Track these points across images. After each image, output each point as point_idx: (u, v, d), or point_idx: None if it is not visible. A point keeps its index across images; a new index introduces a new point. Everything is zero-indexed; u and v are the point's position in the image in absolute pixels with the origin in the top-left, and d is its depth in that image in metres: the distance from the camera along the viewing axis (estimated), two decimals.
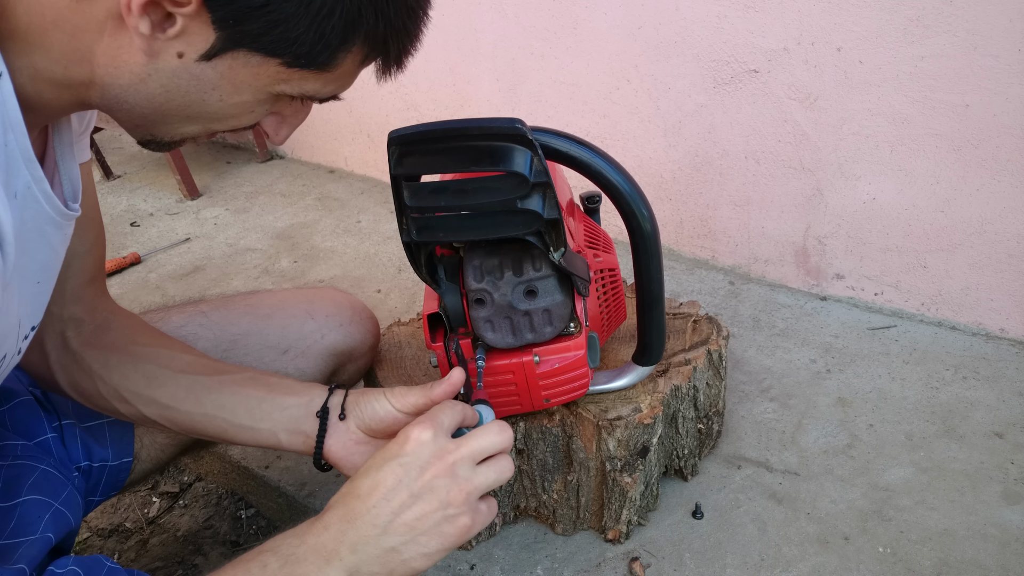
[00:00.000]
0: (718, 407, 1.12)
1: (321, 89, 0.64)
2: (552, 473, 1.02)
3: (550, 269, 0.87)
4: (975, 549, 0.98)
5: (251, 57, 0.59)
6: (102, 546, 1.22)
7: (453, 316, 0.91)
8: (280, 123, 0.69)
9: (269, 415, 0.83)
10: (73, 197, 0.73)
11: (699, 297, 1.55)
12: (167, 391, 0.85)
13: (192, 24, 0.56)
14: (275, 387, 0.85)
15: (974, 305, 1.36)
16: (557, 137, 0.83)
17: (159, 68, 0.59)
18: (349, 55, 0.62)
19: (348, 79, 0.65)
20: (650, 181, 1.64)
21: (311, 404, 0.83)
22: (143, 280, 1.85)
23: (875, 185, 1.36)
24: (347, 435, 0.82)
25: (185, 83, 0.60)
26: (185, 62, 0.58)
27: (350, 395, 0.84)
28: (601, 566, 1.00)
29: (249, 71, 0.60)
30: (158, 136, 0.66)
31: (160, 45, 0.57)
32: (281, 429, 0.83)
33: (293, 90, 0.63)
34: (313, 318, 1.05)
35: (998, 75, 1.17)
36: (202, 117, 0.64)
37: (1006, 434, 1.15)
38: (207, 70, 0.59)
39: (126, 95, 0.61)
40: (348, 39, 0.60)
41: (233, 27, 0.56)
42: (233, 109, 0.63)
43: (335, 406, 0.83)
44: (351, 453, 0.82)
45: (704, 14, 1.41)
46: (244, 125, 0.66)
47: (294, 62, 0.60)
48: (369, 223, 2.02)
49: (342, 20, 0.58)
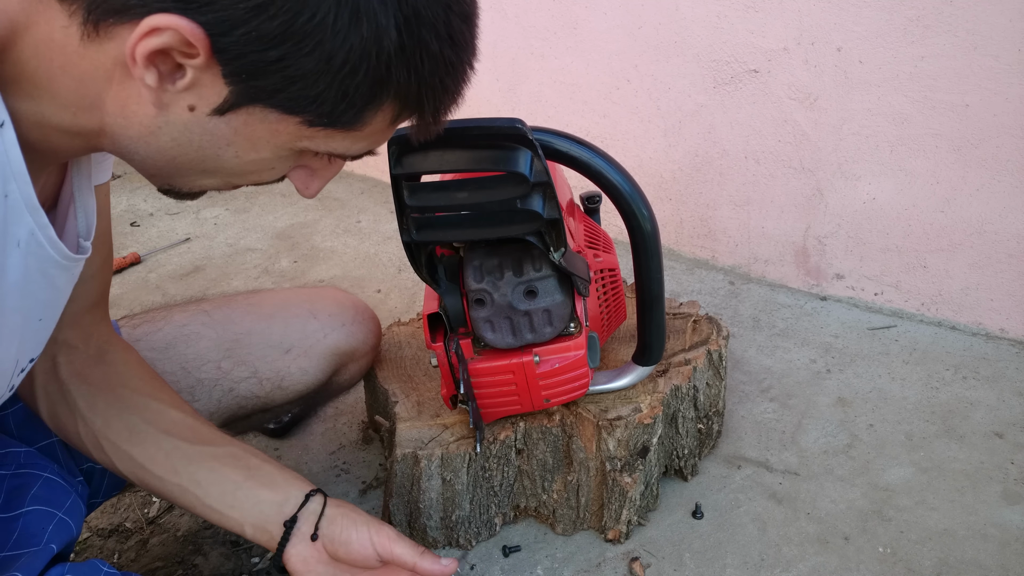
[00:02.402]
0: (718, 407, 1.12)
1: (351, 147, 0.60)
2: (552, 473, 1.02)
3: (550, 269, 0.87)
4: (975, 549, 0.98)
5: (268, 114, 0.55)
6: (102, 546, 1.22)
7: (453, 316, 0.91)
8: (310, 177, 0.65)
9: (241, 505, 0.81)
10: (86, 233, 0.71)
11: (699, 297, 1.55)
12: (145, 450, 0.82)
13: (203, 77, 0.52)
14: (254, 474, 0.83)
15: (974, 305, 1.36)
16: (557, 137, 0.83)
17: (169, 121, 0.55)
18: (379, 113, 0.57)
19: (381, 136, 0.60)
20: (650, 181, 1.64)
21: (284, 506, 0.81)
22: (143, 280, 1.85)
23: (875, 185, 1.36)
24: (310, 550, 0.81)
25: (198, 137, 0.56)
26: (197, 116, 0.55)
27: (329, 510, 0.82)
28: (601, 566, 1.00)
29: (267, 128, 0.56)
30: (176, 187, 0.64)
31: (170, 97, 0.54)
32: (248, 522, 0.81)
33: (318, 147, 0.59)
34: (316, 318, 1.05)
35: (998, 75, 1.17)
36: (219, 172, 0.60)
37: (1006, 434, 1.15)
38: (220, 125, 0.55)
39: (136, 146, 0.58)
40: (376, 97, 0.55)
41: (246, 82, 0.53)
42: (251, 165, 0.59)
43: (307, 519, 0.81)
44: (309, 570, 0.81)
45: (704, 14, 1.41)
46: (267, 180, 0.62)
47: (316, 121, 0.56)
48: (369, 223, 2.02)
49: (368, 78, 0.53)
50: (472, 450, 0.97)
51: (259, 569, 1.15)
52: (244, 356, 1.00)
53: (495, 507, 1.03)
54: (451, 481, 0.98)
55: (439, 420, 1.02)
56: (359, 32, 0.51)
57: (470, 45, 0.58)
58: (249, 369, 0.99)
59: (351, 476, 1.16)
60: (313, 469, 1.20)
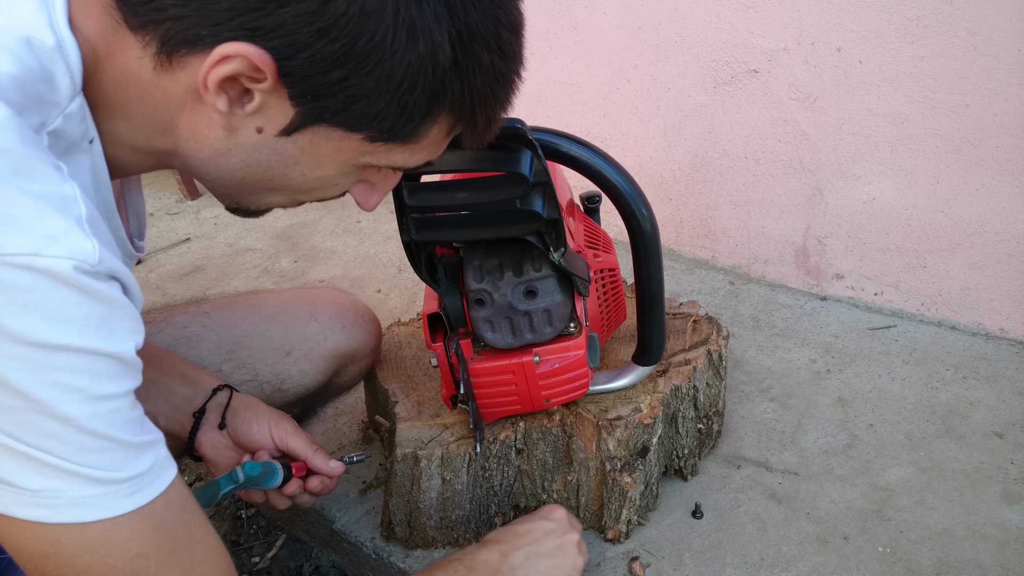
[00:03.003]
0: (718, 407, 1.12)
1: (409, 159, 0.63)
2: (552, 473, 1.02)
3: (550, 269, 0.87)
4: (975, 549, 0.98)
5: (332, 132, 0.58)
6: None
7: (453, 316, 0.91)
8: (370, 191, 0.68)
9: (154, 398, 0.86)
10: (139, 234, 0.74)
11: (699, 297, 1.55)
12: None
13: (270, 100, 0.55)
14: (168, 371, 0.89)
15: (974, 305, 1.36)
16: (557, 137, 0.83)
17: (239, 143, 0.58)
18: (435, 125, 0.60)
19: (437, 147, 0.64)
20: (650, 181, 1.64)
21: (194, 399, 0.88)
22: (143, 280, 1.85)
23: (875, 185, 1.36)
24: (218, 437, 0.89)
25: (266, 158, 0.59)
26: (264, 137, 0.58)
27: (235, 402, 0.89)
28: (601, 566, 1.00)
29: (331, 145, 0.59)
30: (244, 205, 0.67)
31: (239, 121, 0.57)
32: (162, 414, 0.87)
33: (379, 162, 0.62)
34: (316, 320, 1.05)
35: (998, 75, 1.17)
36: (286, 189, 0.64)
37: (1006, 434, 1.15)
38: (287, 145, 0.58)
39: (207, 167, 0.61)
40: (433, 111, 0.58)
41: (312, 103, 0.55)
42: (317, 182, 0.63)
43: (214, 409, 0.89)
44: (218, 455, 0.89)
45: (704, 14, 1.41)
46: (330, 196, 0.66)
47: (377, 136, 0.58)
48: (369, 223, 2.02)
49: (425, 93, 0.56)
50: (472, 450, 0.97)
51: (260, 568, 1.15)
52: (245, 359, 1.00)
53: (495, 507, 1.03)
54: (451, 481, 0.98)
55: (439, 420, 1.02)
56: (416, 50, 0.54)
57: (518, 55, 0.61)
58: (250, 372, 1.00)
59: (351, 476, 1.16)
60: None
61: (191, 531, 0.60)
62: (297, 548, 1.18)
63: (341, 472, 0.92)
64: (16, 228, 0.47)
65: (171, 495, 0.57)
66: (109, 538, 0.54)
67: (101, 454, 0.52)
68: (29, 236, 0.47)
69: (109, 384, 0.52)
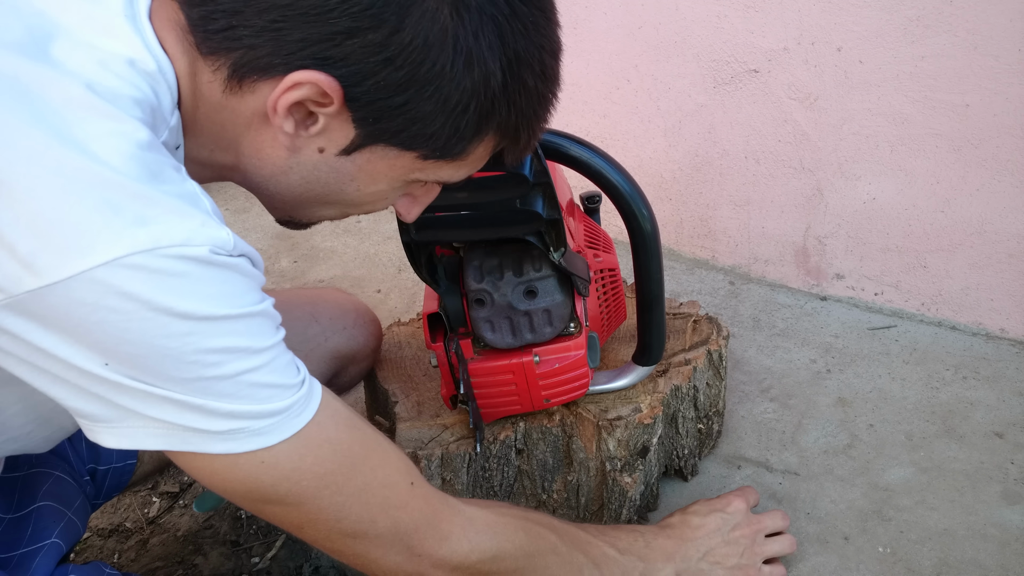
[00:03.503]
0: (718, 407, 1.12)
1: (454, 174, 0.66)
2: (552, 473, 1.02)
3: (550, 269, 0.87)
4: (975, 549, 0.98)
5: (389, 151, 0.61)
6: (102, 546, 1.22)
7: (453, 316, 0.91)
8: (412, 203, 0.71)
9: None
10: None
11: (699, 297, 1.55)
12: None
13: (333, 122, 0.58)
14: None
15: (974, 305, 1.36)
16: (557, 137, 0.83)
17: (300, 162, 0.61)
18: (482, 144, 0.64)
19: (479, 163, 0.67)
20: (650, 181, 1.64)
21: None
22: None
23: (875, 185, 1.36)
24: None
25: (324, 175, 0.63)
26: (326, 156, 0.61)
27: None
28: None
29: (386, 163, 0.62)
30: (296, 218, 0.71)
31: (303, 142, 0.60)
32: None
33: (427, 177, 0.65)
34: (317, 321, 1.05)
35: (998, 75, 1.17)
36: (340, 203, 0.67)
37: (1006, 434, 1.15)
38: (346, 163, 0.62)
39: (267, 184, 0.65)
40: (482, 130, 0.62)
41: (373, 125, 0.59)
42: (369, 197, 0.66)
43: None
44: None
45: (704, 14, 1.41)
46: (378, 209, 0.69)
47: (430, 155, 0.62)
48: (369, 223, 2.02)
49: (477, 114, 0.60)
50: (472, 450, 0.97)
51: (259, 569, 1.15)
52: None
53: None
54: (451, 481, 0.98)
55: (439, 420, 1.02)
56: (471, 76, 0.58)
57: (558, 78, 0.68)
58: None
59: None
60: None
61: (364, 436, 0.67)
62: (297, 548, 1.18)
63: None
64: (166, 224, 0.51)
65: (328, 409, 0.63)
66: (296, 452, 0.60)
67: (271, 390, 0.58)
68: (178, 230, 0.51)
69: (263, 338, 0.57)
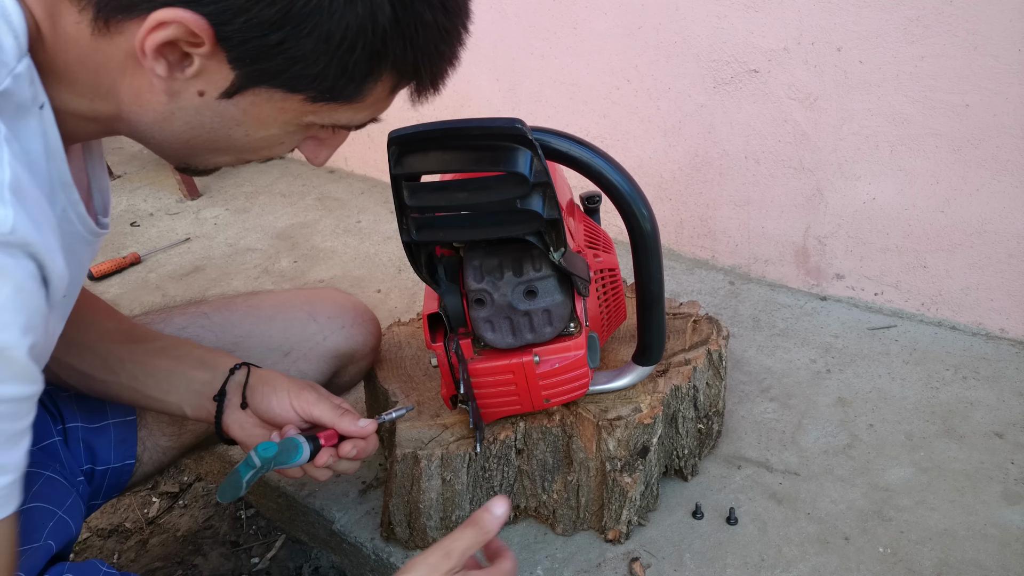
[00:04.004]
0: (718, 407, 1.12)
1: (353, 118, 0.63)
2: (552, 473, 1.02)
3: (550, 269, 0.87)
4: (975, 549, 0.98)
5: (273, 93, 0.58)
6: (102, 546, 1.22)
7: (453, 316, 0.91)
8: (319, 146, 0.68)
9: (176, 388, 0.87)
10: (104, 211, 0.74)
11: (699, 297, 1.55)
12: (84, 359, 0.87)
13: (209, 64, 0.55)
14: (184, 359, 0.88)
15: (974, 305, 1.36)
16: (557, 137, 0.83)
17: (182, 106, 0.58)
18: (378, 84, 0.60)
19: (381, 104, 0.64)
20: (650, 181, 1.64)
21: (213, 382, 0.87)
22: (143, 280, 1.85)
23: (875, 185, 1.36)
24: (243, 417, 0.87)
25: (209, 120, 0.60)
26: (206, 100, 0.58)
27: (253, 379, 0.87)
28: (601, 566, 1.00)
29: (273, 106, 0.59)
30: (192, 165, 0.67)
31: (180, 85, 0.57)
32: (186, 403, 0.87)
33: (323, 120, 0.62)
34: (315, 320, 1.04)
35: (998, 75, 1.17)
36: (232, 150, 0.64)
37: (1006, 434, 1.15)
38: (229, 107, 0.59)
39: (152, 131, 0.61)
40: (375, 70, 0.58)
41: (251, 65, 0.56)
42: (261, 142, 0.63)
43: (235, 390, 0.87)
44: (247, 435, 0.87)
45: (704, 14, 1.41)
46: (278, 155, 0.66)
47: (319, 96, 0.59)
48: (369, 223, 2.02)
49: (365, 53, 0.56)
50: (472, 450, 0.97)
51: (259, 569, 1.15)
52: (244, 359, 1.00)
53: None
54: (451, 481, 0.98)
55: (439, 420, 1.02)
56: (354, 10, 0.54)
57: (463, 9, 0.61)
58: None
59: (351, 476, 1.16)
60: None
61: None
62: (296, 549, 1.18)
63: (373, 431, 0.86)
64: None
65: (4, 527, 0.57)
66: None
67: None
68: None
69: None
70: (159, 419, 0.99)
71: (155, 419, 0.99)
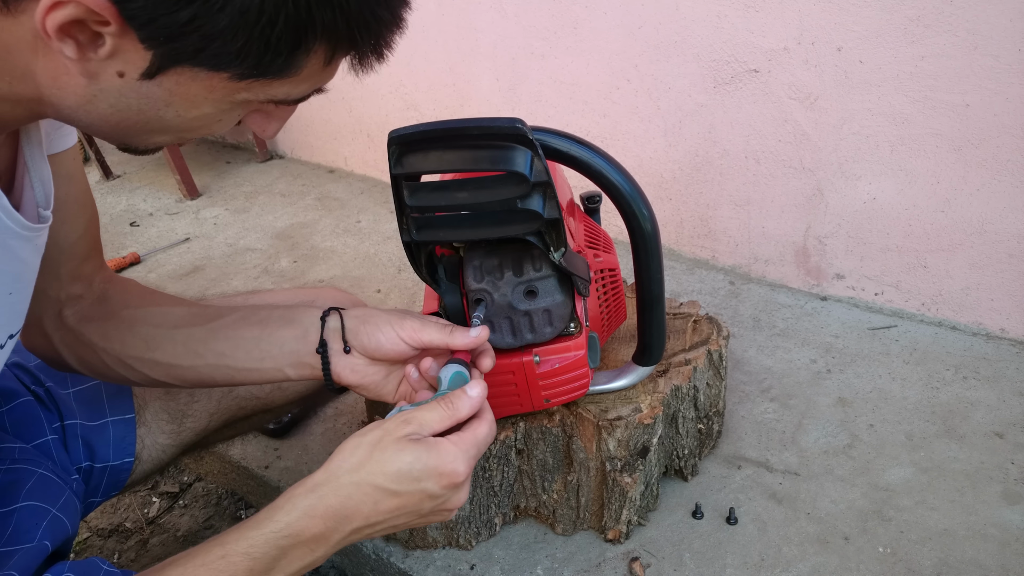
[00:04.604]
0: (718, 407, 1.12)
1: (291, 92, 0.59)
2: (552, 473, 1.02)
3: (550, 269, 0.87)
4: (975, 549, 0.98)
5: (197, 72, 0.54)
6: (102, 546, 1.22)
7: (453, 316, 0.91)
8: (266, 120, 0.65)
9: (269, 353, 0.83)
10: (45, 202, 0.71)
11: (699, 297, 1.55)
12: (166, 351, 0.84)
13: (122, 43, 0.52)
14: (268, 322, 0.84)
15: (974, 305, 1.36)
16: (557, 137, 0.83)
17: (103, 89, 0.55)
18: (311, 56, 0.56)
19: (320, 76, 0.60)
20: (650, 181, 1.64)
21: (308, 336, 0.82)
22: (143, 280, 1.84)
23: (875, 185, 1.36)
24: (354, 362, 0.82)
25: (135, 102, 0.56)
26: (128, 81, 0.54)
27: (349, 323, 0.82)
28: (601, 566, 1.00)
29: (200, 85, 0.56)
30: (132, 145, 0.63)
31: (96, 66, 0.53)
32: (285, 364, 0.83)
33: (258, 97, 0.58)
34: None
35: (998, 75, 1.17)
36: (167, 130, 0.60)
37: (1006, 434, 1.15)
38: (154, 88, 0.55)
39: (77, 115, 0.58)
40: (303, 42, 0.54)
41: (165, 44, 0.52)
42: (196, 122, 0.59)
43: (333, 336, 0.81)
44: (364, 378, 0.82)
45: (704, 14, 1.41)
46: (219, 132, 0.63)
47: (246, 74, 0.55)
48: (369, 223, 2.02)
49: (289, 26, 0.52)
50: None
51: None
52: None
53: (495, 507, 1.03)
54: None
55: None
56: None
57: None
58: None
59: None
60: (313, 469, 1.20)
61: None
62: None
63: (487, 335, 0.80)
64: None
65: None
66: None
67: None
68: None
69: None
70: (158, 417, 0.99)
71: (154, 417, 0.98)
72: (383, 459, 0.66)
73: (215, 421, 1.04)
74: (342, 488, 0.66)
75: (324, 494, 0.66)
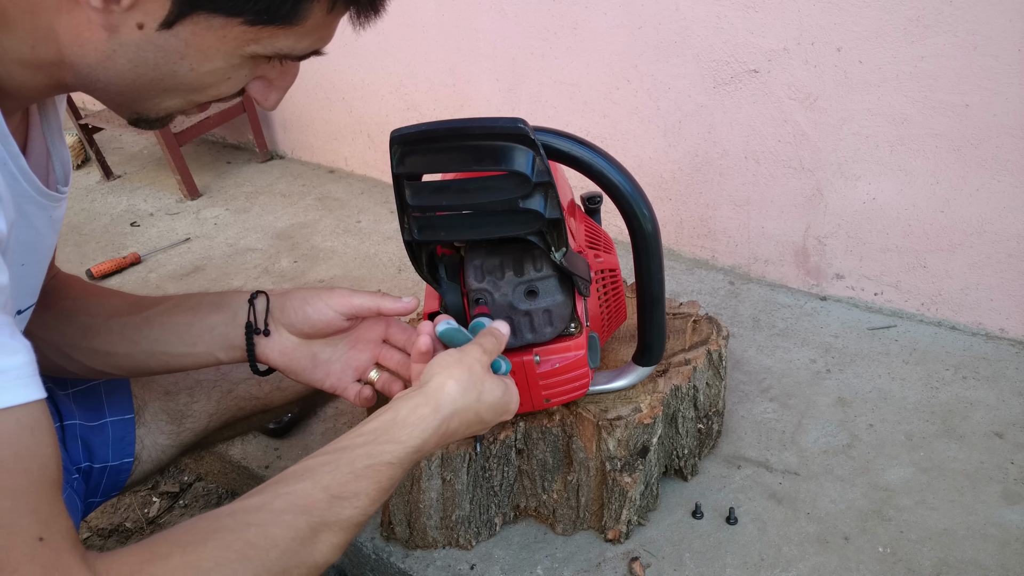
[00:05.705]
0: (718, 407, 1.12)
1: (296, 45, 0.62)
2: (552, 473, 1.02)
3: (551, 269, 0.87)
4: (975, 549, 0.98)
5: (212, 20, 0.58)
6: (102, 546, 1.22)
7: (454, 315, 0.91)
8: (268, 87, 0.68)
9: (200, 338, 0.85)
10: (64, 180, 0.73)
11: (699, 297, 1.55)
12: (103, 339, 0.86)
13: None
14: (199, 308, 0.87)
15: (974, 305, 1.36)
16: (559, 137, 0.83)
17: (122, 43, 0.58)
18: (315, 4, 0.60)
19: (323, 31, 0.63)
20: (650, 181, 1.64)
21: (236, 319, 0.85)
22: (143, 280, 1.85)
23: (875, 185, 1.37)
24: (280, 342, 0.86)
25: (152, 55, 0.59)
26: (147, 33, 0.57)
27: (274, 302, 0.86)
28: (601, 566, 1.00)
29: (214, 35, 0.59)
30: (143, 113, 0.66)
31: (117, 18, 0.56)
32: (216, 348, 0.86)
33: (266, 50, 0.61)
34: None
35: (998, 75, 1.17)
36: (180, 89, 0.63)
37: (1006, 434, 1.15)
38: (171, 39, 0.58)
39: (96, 73, 0.60)
40: None
41: None
42: (208, 77, 0.62)
43: (260, 317, 0.85)
44: (289, 358, 0.86)
45: (704, 14, 1.41)
46: (227, 93, 0.65)
47: (257, 19, 0.58)
48: (369, 223, 2.02)
49: None
50: (472, 450, 0.97)
51: None
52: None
53: (495, 507, 1.03)
54: (451, 481, 0.98)
55: None
56: None
57: None
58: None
59: None
60: None
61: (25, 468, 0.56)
62: None
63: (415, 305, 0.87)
64: None
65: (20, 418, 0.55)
66: None
67: None
68: None
69: None
70: (158, 417, 0.99)
71: (154, 417, 0.98)
72: (484, 391, 0.76)
73: (215, 421, 1.04)
74: (458, 414, 0.75)
75: (448, 417, 0.74)
